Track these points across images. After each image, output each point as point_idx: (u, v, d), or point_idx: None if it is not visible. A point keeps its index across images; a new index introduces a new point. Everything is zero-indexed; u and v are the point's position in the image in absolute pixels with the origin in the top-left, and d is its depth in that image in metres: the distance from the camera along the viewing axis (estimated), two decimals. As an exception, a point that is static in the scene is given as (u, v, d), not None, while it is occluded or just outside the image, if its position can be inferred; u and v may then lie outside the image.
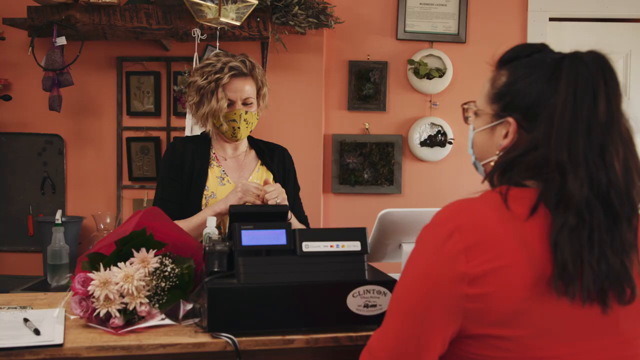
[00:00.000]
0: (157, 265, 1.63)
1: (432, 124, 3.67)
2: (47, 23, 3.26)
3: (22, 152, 3.62)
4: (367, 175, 3.69)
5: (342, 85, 3.72)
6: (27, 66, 3.42)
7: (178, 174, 2.38)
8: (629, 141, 1.16)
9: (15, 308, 1.76)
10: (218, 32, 3.24)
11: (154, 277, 1.62)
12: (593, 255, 1.09)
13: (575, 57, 1.18)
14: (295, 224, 2.34)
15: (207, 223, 1.96)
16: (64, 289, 3.21)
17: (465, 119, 1.40)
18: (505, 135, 1.24)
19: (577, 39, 3.79)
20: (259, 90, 2.41)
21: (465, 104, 1.38)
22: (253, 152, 2.52)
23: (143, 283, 1.60)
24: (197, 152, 2.41)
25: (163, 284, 1.62)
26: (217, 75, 2.29)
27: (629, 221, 1.13)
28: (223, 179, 2.41)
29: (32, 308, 1.77)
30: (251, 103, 2.36)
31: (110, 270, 1.61)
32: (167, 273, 1.63)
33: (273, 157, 2.52)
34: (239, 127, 2.34)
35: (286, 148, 2.60)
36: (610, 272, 1.10)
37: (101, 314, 1.57)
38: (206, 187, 2.38)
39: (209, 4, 2.89)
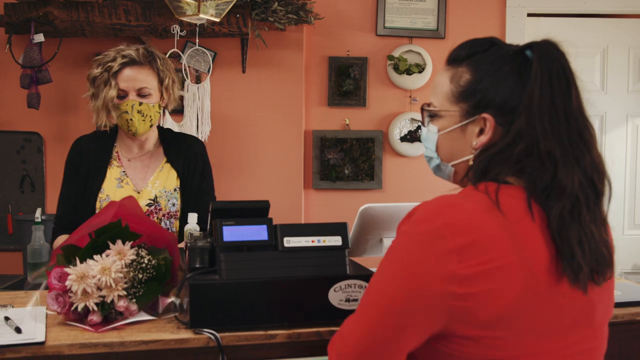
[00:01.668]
0: (134, 257, 1.62)
1: (412, 119, 3.69)
2: (25, 20, 3.23)
3: (0, 150, 3.59)
4: (348, 171, 3.70)
5: (322, 81, 3.73)
6: (5, 64, 3.39)
7: (75, 174, 2.28)
8: (590, 128, 1.21)
9: (-4, 307, 1.76)
10: (197, 29, 3.23)
11: (131, 269, 1.61)
12: (586, 236, 1.13)
13: (541, 47, 1.20)
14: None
15: (188, 219, 1.96)
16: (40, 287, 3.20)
17: (424, 121, 1.37)
18: (480, 133, 1.24)
19: (555, 34, 3.80)
20: (161, 82, 2.26)
21: (426, 105, 1.35)
22: (161, 149, 2.36)
23: (121, 275, 1.58)
24: (97, 151, 2.28)
25: (140, 276, 1.60)
26: (108, 64, 2.17)
27: (603, 197, 1.20)
28: (122, 180, 2.28)
29: (12, 306, 1.77)
30: (149, 94, 2.21)
31: (86, 263, 1.60)
32: (143, 265, 1.61)
33: (180, 151, 2.35)
34: (131, 119, 2.18)
35: (199, 139, 2.44)
36: (598, 249, 1.15)
37: (79, 308, 1.56)
38: (102, 190, 2.26)
39: (188, 0, 2.89)
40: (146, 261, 1.62)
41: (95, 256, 1.61)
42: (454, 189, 1.25)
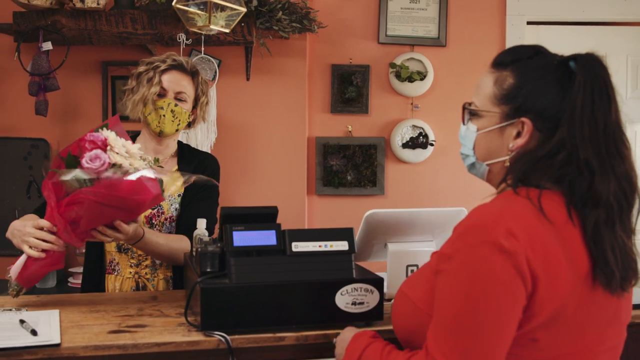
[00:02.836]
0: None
1: (414, 126, 3.73)
2: (33, 28, 3.28)
3: (7, 156, 3.62)
4: (351, 177, 3.75)
5: (325, 89, 3.78)
6: (14, 71, 3.44)
7: None
8: (626, 140, 1.26)
9: (11, 310, 1.80)
10: (203, 37, 3.28)
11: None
12: (618, 245, 1.19)
13: (585, 60, 1.26)
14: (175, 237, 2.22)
15: (197, 225, 2.01)
16: (50, 292, 3.24)
17: (464, 119, 1.43)
18: (517, 135, 1.30)
19: (554, 42, 3.86)
20: (197, 98, 2.36)
21: (468, 104, 1.40)
22: (175, 160, 2.39)
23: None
24: None
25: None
26: (157, 63, 2.28)
27: (633, 208, 1.24)
28: None
29: (26, 310, 1.81)
30: (185, 100, 2.30)
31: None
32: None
33: (192, 162, 2.38)
34: (164, 116, 2.25)
35: (214, 157, 2.47)
36: (628, 257, 1.21)
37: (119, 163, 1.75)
38: None
39: (199, 11, 2.94)
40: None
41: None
42: (491, 196, 1.31)
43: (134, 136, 2.40)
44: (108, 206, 1.78)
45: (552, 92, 1.27)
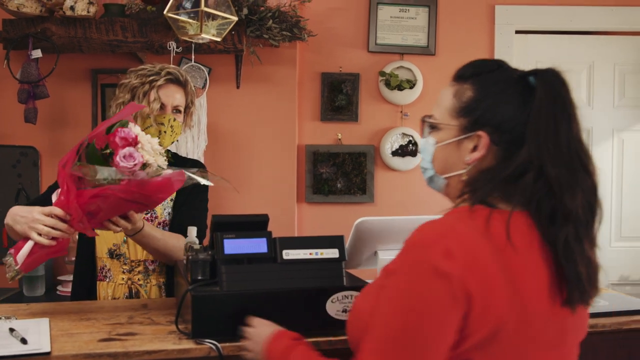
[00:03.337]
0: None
1: (403, 134, 3.75)
2: (23, 36, 3.28)
3: (-4, 164, 3.62)
4: (340, 185, 3.76)
5: (315, 97, 3.79)
6: (3, 79, 3.42)
7: None
8: (589, 153, 1.26)
9: (0, 318, 1.79)
10: (193, 45, 3.29)
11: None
12: (587, 258, 1.20)
13: (545, 76, 1.26)
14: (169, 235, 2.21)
15: (187, 233, 2.01)
16: (38, 300, 3.23)
17: (423, 132, 1.41)
18: (474, 149, 1.28)
19: (542, 50, 3.91)
20: (187, 107, 2.38)
21: (427, 117, 1.39)
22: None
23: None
24: None
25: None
26: (152, 77, 2.27)
27: (597, 220, 1.24)
28: None
29: (16, 318, 1.80)
30: (180, 112, 2.33)
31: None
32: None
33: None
34: (165, 132, 2.26)
35: (202, 163, 2.50)
36: (595, 270, 1.22)
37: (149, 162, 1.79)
38: None
39: (190, 20, 2.95)
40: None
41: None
42: (444, 211, 1.29)
43: None
44: (132, 202, 1.80)
45: (510, 107, 1.26)
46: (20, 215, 1.86)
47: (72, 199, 1.76)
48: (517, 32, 3.83)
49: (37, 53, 3.29)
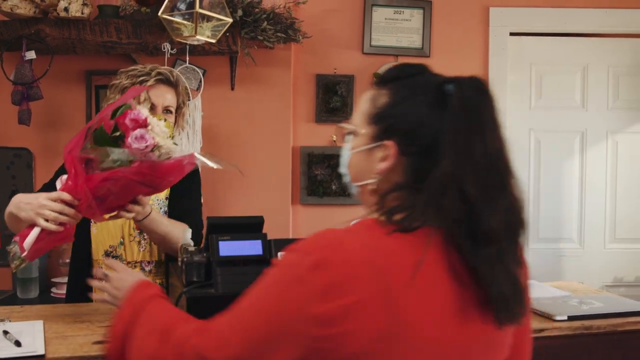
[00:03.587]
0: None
1: (398, 135, 3.75)
2: (17, 37, 3.27)
3: (-10, 165, 3.61)
4: (335, 187, 3.76)
5: (310, 98, 3.79)
6: (-4, 80, 3.42)
7: None
8: (511, 169, 1.17)
9: (-6, 321, 1.78)
10: (188, 47, 3.29)
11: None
12: (511, 278, 1.12)
13: (461, 84, 1.15)
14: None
15: (182, 233, 2.01)
16: (32, 302, 3.21)
17: (342, 138, 1.32)
18: (384, 159, 1.19)
19: (537, 52, 3.93)
20: (179, 107, 2.36)
21: (343, 122, 1.30)
22: None
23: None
24: None
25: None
26: (142, 77, 2.25)
27: (520, 238, 1.17)
28: None
29: (10, 320, 1.79)
30: (171, 112, 2.31)
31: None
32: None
33: None
34: None
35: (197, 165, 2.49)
36: (522, 289, 1.15)
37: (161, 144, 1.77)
38: None
39: (185, 22, 2.94)
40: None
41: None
42: (352, 221, 1.23)
43: None
44: (143, 184, 1.77)
45: (423, 116, 1.15)
46: (25, 202, 1.79)
47: (81, 183, 1.71)
48: (512, 34, 3.85)
49: (30, 54, 3.28)
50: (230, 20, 2.99)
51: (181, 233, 2.15)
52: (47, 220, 1.74)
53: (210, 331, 1.15)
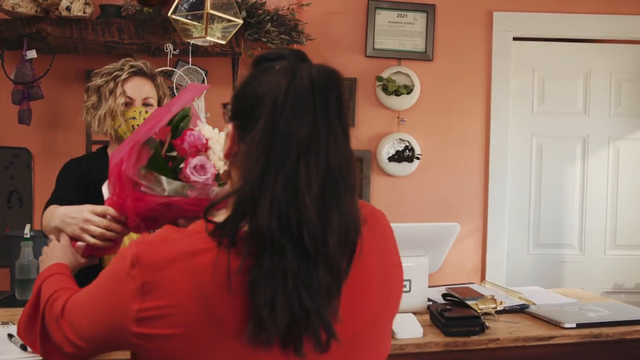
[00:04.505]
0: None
1: (400, 139, 3.74)
2: (18, 36, 3.24)
3: (-12, 165, 3.58)
4: (336, 190, 3.73)
5: (312, 101, 3.76)
6: (-4, 79, 3.39)
7: (80, 190, 2.19)
8: (339, 175, 1.01)
9: (-3, 324, 1.76)
10: (190, 48, 3.26)
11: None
12: (287, 299, 0.96)
13: (293, 67, 1.04)
14: None
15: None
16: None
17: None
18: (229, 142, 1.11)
19: (539, 57, 3.92)
20: (160, 100, 2.29)
21: (226, 104, 1.17)
22: None
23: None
24: (101, 172, 2.02)
25: None
26: (115, 73, 2.19)
27: (328, 265, 0.99)
28: None
29: (14, 324, 1.77)
30: (152, 104, 2.23)
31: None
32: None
33: None
34: (138, 125, 2.10)
35: None
36: (306, 317, 0.98)
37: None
38: None
39: (195, 23, 2.91)
40: None
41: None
42: None
43: (102, 148, 2.36)
44: (198, 206, 1.56)
45: (254, 97, 1.04)
46: (70, 217, 1.69)
47: (128, 204, 1.55)
48: (515, 38, 3.84)
49: (31, 54, 3.25)
50: (240, 21, 2.96)
51: None
52: (93, 236, 1.63)
53: (66, 314, 1.19)
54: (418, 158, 3.73)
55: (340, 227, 1.00)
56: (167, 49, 3.27)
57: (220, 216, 1.06)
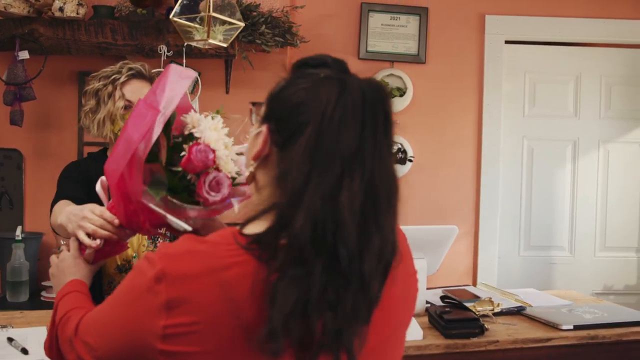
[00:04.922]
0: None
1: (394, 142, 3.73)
2: (10, 37, 3.21)
3: (-21, 166, 3.54)
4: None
5: (305, 103, 3.76)
6: (-13, 80, 3.36)
7: (83, 190, 2.11)
8: (383, 193, 1.01)
9: (-4, 327, 1.75)
10: (184, 49, 3.25)
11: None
12: (306, 314, 0.93)
13: (341, 79, 1.02)
14: None
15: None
16: (22, 306, 3.16)
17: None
18: (261, 144, 1.07)
19: (531, 61, 3.95)
20: None
21: (255, 103, 1.15)
22: None
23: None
24: (101, 173, 1.90)
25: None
26: (114, 76, 2.16)
27: (360, 285, 0.96)
28: None
29: (12, 327, 1.76)
30: None
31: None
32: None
33: None
34: None
35: None
36: (327, 338, 0.95)
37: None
38: None
39: (197, 25, 2.90)
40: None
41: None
42: None
43: (103, 149, 2.34)
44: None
45: (294, 102, 1.02)
46: (74, 214, 1.65)
47: (141, 219, 1.46)
48: (507, 42, 3.86)
49: (24, 54, 3.22)
50: (242, 24, 2.93)
51: None
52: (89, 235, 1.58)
53: (79, 334, 1.14)
54: (411, 160, 3.74)
55: (380, 247, 0.98)
56: (160, 51, 3.25)
57: (250, 227, 1.02)
